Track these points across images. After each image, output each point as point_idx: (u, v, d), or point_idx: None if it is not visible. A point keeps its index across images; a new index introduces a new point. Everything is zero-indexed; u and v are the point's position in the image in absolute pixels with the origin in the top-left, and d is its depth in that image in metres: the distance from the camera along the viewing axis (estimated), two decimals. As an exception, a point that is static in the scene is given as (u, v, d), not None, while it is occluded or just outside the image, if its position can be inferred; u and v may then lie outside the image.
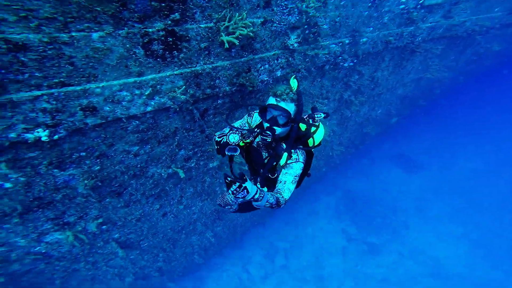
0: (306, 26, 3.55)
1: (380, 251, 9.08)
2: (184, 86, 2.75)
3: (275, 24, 3.17)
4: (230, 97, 3.49)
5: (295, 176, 1.91)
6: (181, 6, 2.37)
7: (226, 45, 2.79)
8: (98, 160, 2.60)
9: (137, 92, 2.43)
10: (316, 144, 2.01)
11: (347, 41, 4.35)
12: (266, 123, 1.87)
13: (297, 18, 3.31)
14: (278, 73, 3.75)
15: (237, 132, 1.88)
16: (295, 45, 3.56)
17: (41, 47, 1.71)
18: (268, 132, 1.82)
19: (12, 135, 1.84)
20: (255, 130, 1.94)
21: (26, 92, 1.82)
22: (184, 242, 5.50)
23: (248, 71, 3.31)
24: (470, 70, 10.88)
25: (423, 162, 12.62)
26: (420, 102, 10.29)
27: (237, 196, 1.51)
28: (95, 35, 1.92)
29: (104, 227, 3.35)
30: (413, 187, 11.42)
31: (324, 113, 2.04)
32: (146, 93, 2.50)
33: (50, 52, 1.76)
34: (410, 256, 8.97)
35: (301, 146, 1.96)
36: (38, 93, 1.82)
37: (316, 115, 2.02)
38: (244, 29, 2.72)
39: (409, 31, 5.47)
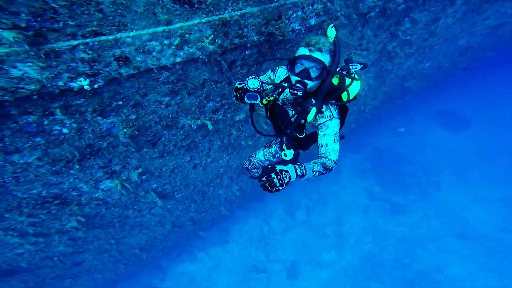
0: None
1: (404, 211, 9.07)
2: (212, 35, 2.71)
3: (311, -41, 2.87)
4: (258, 47, 3.39)
5: (335, 134, 1.82)
6: None
7: (255, -14, 2.62)
8: (133, 109, 2.79)
9: (166, 42, 2.46)
10: (351, 98, 1.85)
11: None
12: (296, 77, 1.72)
13: None
14: (312, 21, 3.46)
15: (256, 78, 1.74)
16: None
17: None
18: (299, 85, 1.69)
19: (60, 83, 2.01)
20: (283, 84, 1.79)
21: (64, 42, 1.93)
22: (212, 195, 5.98)
23: (279, 18, 3.13)
24: None
25: (471, 119, 11.27)
26: (487, 53, 8.87)
27: (286, 183, 1.53)
28: (121, -22, 1.91)
29: (143, 177, 3.74)
30: (454, 147, 10.58)
31: (361, 63, 1.85)
32: (175, 43, 2.52)
33: (78, -3, 1.80)
34: (436, 217, 8.89)
35: (333, 101, 1.83)
36: (75, 42, 1.92)
37: (351, 66, 1.83)
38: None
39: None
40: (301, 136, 2.03)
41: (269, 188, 1.53)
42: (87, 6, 1.88)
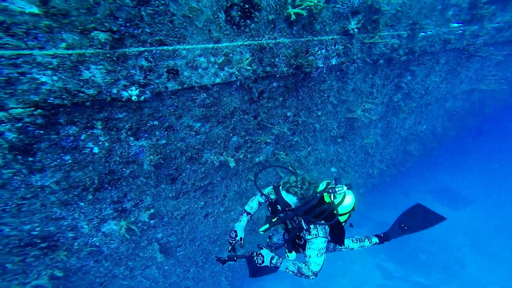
0: (368, 11, 3.90)
1: (434, 293, 8.52)
2: (250, 59, 3.03)
3: (337, 5, 3.52)
4: (284, 81, 3.78)
5: (319, 250, 2.28)
6: (258, -27, 2.74)
7: (293, 17, 3.12)
8: (166, 132, 2.82)
9: (212, 59, 2.72)
10: (341, 212, 2.49)
11: (405, 35, 4.67)
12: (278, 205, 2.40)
13: (361, 1, 3.67)
14: (333, 61, 4.05)
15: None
16: (355, 30, 3.87)
17: (157, 2, 2.02)
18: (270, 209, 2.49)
19: (114, 90, 2.09)
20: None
21: (135, 48, 2.09)
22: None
23: (307, 52, 3.62)
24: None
25: (471, 196, 12.18)
26: (469, 120, 10.32)
27: (259, 263, 2.31)
28: (193, -7, 2.24)
29: (152, 221, 3.49)
30: (462, 223, 11.01)
31: (346, 185, 2.53)
32: (219, 62, 2.79)
33: (162, 7, 2.07)
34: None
35: (323, 222, 2.29)
36: (142, 49, 2.09)
37: (337, 188, 2.49)
38: (312, 0, 3.06)
39: (471, 30, 5.63)
40: (301, 243, 2.59)
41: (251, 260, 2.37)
42: (164, 16, 2.13)
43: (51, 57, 1.70)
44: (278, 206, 2.35)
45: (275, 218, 2.41)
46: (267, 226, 2.39)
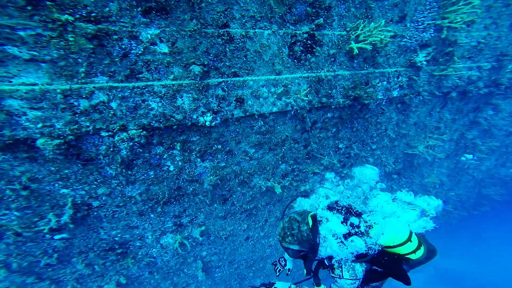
0: (440, 44, 4.05)
1: None
2: (307, 90, 3.35)
3: (405, 39, 3.76)
4: (340, 112, 4.01)
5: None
6: (325, 12, 3.11)
7: (356, 51, 3.39)
8: (226, 156, 3.21)
9: (272, 89, 3.10)
10: (386, 245, 2.11)
11: (488, 66, 4.66)
12: None
13: (432, 35, 3.85)
14: (395, 93, 4.21)
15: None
16: (424, 62, 4.03)
17: (239, 40, 2.45)
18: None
19: (194, 116, 2.53)
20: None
21: (216, 79, 2.54)
22: (250, 283, 5.69)
23: (366, 84, 3.85)
24: None
25: None
26: None
27: None
28: (266, 33, 2.67)
29: (201, 238, 3.84)
30: None
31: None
32: (278, 92, 3.14)
33: (240, 44, 2.50)
34: None
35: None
36: (220, 80, 2.52)
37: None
38: (379, 35, 3.32)
39: None
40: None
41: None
42: (241, 51, 2.57)
43: (162, 87, 2.19)
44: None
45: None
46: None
